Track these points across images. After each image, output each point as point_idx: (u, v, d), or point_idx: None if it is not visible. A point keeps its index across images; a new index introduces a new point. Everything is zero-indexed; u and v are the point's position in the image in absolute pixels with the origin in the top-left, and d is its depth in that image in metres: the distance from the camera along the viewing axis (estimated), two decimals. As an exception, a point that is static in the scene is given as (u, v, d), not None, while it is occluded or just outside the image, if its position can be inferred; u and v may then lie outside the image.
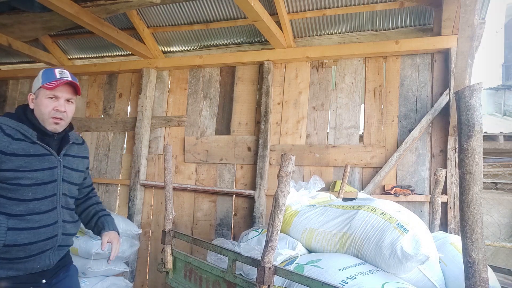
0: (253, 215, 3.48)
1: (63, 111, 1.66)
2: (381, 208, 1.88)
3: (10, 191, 1.56)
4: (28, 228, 1.60)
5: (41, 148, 1.64)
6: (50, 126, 1.66)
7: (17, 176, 1.56)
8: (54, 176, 1.68)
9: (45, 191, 1.65)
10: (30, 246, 1.60)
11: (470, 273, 1.13)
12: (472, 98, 1.11)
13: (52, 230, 1.67)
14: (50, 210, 1.67)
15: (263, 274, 1.59)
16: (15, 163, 1.56)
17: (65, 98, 1.67)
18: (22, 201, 1.58)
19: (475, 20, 2.13)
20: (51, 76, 1.65)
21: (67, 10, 3.06)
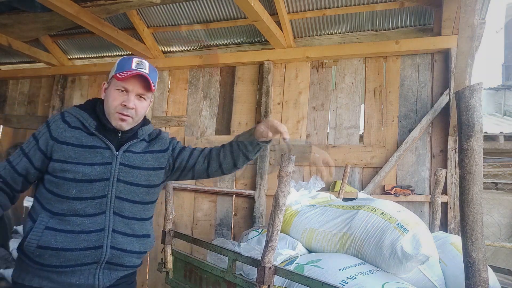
0: (253, 215, 3.48)
1: (131, 107, 1.40)
2: (381, 208, 1.88)
3: (56, 185, 1.36)
4: (66, 231, 1.34)
5: (97, 140, 1.42)
6: (115, 121, 1.42)
7: (64, 168, 1.35)
8: (106, 173, 1.40)
9: (92, 190, 1.37)
10: (65, 253, 1.33)
11: (470, 273, 1.13)
12: (472, 98, 1.11)
13: (95, 238, 1.36)
14: (96, 214, 1.38)
15: (263, 274, 1.59)
16: (65, 152, 1.36)
17: (136, 93, 1.41)
18: (66, 199, 1.35)
19: (475, 20, 2.13)
20: (126, 65, 1.42)
21: (67, 10, 3.06)
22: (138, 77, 1.40)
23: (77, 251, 1.34)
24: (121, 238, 1.41)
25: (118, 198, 1.41)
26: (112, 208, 1.40)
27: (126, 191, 1.43)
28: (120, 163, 1.43)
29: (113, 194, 1.40)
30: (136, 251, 1.45)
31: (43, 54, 4.56)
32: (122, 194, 1.42)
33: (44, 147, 1.39)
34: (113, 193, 1.40)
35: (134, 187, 1.45)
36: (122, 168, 1.43)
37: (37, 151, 1.39)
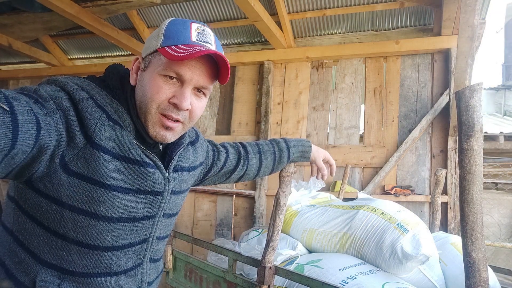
0: (254, 215, 3.48)
1: (185, 108, 0.84)
2: (381, 208, 1.88)
3: (75, 225, 0.79)
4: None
5: (139, 152, 0.85)
6: (154, 128, 0.85)
7: (95, 197, 0.78)
8: (153, 208, 0.90)
9: (133, 234, 0.88)
10: None
11: (470, 273, 1.13)
12: (472, 98, 1.11)
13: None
14: (132, 269, 0.91)
15: (264, 274, 1.59)
16: (100, 167, 0.78)
17: (195, 84, 0.84)
18: (92, 249, 0.82)
19: (475, 20, 2.13)
20: (182, 33, 0.83)
21: (68, 10, 3.06)
22: (203, 58, 0.83)
23: None
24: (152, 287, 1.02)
25: (158, 239, 0.96)
26: (149, 254, 0.94)
27: (165, 227, 0.98)
28: (171, 190, 0.93)
29: (154, 236, 0.94)
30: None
31: (43, 54, 4.56)
32: (162, 231, 0.97)
33: (58, 140, 0.72)
34: (155, 234, 0.93)
35: (173, 218, 1.01)
36: (171, 198, 0.94)
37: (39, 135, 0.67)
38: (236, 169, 1.26)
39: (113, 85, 0.86)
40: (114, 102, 0.84)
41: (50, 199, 0.76)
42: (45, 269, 0.80)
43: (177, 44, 0.81)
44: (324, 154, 1.41)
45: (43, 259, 0.80)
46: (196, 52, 0.78)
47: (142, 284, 0.94)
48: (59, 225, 0.78)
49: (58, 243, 0.80)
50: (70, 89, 0.77)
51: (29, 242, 0.80)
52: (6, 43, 4.06)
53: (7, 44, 4.07)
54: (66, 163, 0.74)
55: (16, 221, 0.81)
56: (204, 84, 0.85)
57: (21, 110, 0.62)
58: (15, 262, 0.81)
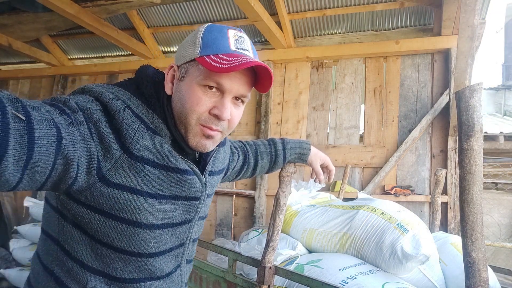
0: (253, 215, 3.48)
1: (226, 119, 0.83)
2: (381, 208, 1.88)
3: (119, 234, 0.80)
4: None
5: (179, 159, 0.85)
6: (195, 139, 0.84)
7: (136, 205, 0.79)
8: (191, 213, 0.92)
9: (172, 239, 0.90)
10: None
11: (470, 273, 1.13)
12: (472, 98, 1.11)
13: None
14: (173, 271, 0.94)
15: (264, 274, 1.59)
16: (140, 178, 0.78)
17: (235, 94, 0.83)
18: (136, 257, 0.85)
19: (475, 20, 2.13)
20: (221, 41, 0.81)
21: (68, 10, 3.06)
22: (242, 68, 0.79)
23: None
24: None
25: (193, 241, 0.99)
26: (186, 256, 0.98)
27: (199, 229, 1.00)
28: (207, 195, 0.95)
29: (190, 239, 0.96)
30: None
31: (43, 54, 4.56)
32: (196, 234, 1.00)
33: (88, 152, 0.71)
34: (191, 236, 0.96)
35: (204, 220, 1.03)
36: (206, 201, 0.96)
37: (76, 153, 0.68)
38: (242, 170, 1.28)
39: (148, 93, 0.84)
40: (150, 112, 0.82)
41: (92, 209, 0.77)
42: (94, 276, 0.82)
43: (216, 53, 0.79)
44: (324, 159, 1.38)
45: (91, 266, 0.82)
46: (240, 65, 0.75)
47: (182, 285, 0.98)
48: (103, 234, 0.80)
49: (103, 251, 0.82)
50: (107, 100, 0.76)
51: (75, 251, 0.81)
52: (6, 43, 4.06)
53: (7, 44, 4.07)
54: (104, 175, 0.74)
55: (61, 231, 0.82)
56: (243, 93, 0.84)
57: (39, 119, 0.61)
58: (64, 271, 0.82)
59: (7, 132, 0.55)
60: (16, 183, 0.60)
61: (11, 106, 0.57)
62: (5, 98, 0.57)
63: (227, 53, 0.79)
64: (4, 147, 0.55)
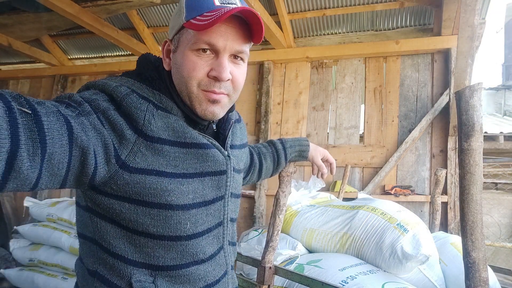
0: (253, 215, 3.48)
1: (226, 79, 0.80)
2: (381, 208, 1.88)
3: (153, 219, 0.78)
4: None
5: (196, 134, 0.82)
6: (202, 106, 0.81)
7: (163, 187, 0.76)
8: (221, 189, 0.89)
9: (208, 218, 0.86)
10: None
11: (470, 273, 1.13)
12: (472, 98, 1.11)
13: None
14: (216, 253, 0.90)
15: (264, 274, 1.59)
16: (160, 158, 0.76)
17: (230, 51, 0.79)
18: (175, 240, 0.81)
19: (475, 20, 2.13)
20: (205, 1, 0.78)
21: (67, 10, 3.06)
22: (232, 20, 0.78)
23: None
24: (233, 272, 1.00)
25: (231, 221, 0.95)
26: (227, 237, 0.93)
27: (234, 208, 0.97)
28: (233, 168, 0.91)
29: (228, 217, 0.92)
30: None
31: (43, 54, 4.56)
32: (233, 213, 0.96)
33: (103, 142, 0.70)
34: (227, 215, 0.92)
35: (238, 199, 0.99)
36: (234, 175, 0.93)
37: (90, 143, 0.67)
38: (250, 169, 1.25)
39: (151, 76, 0.83)
40: (156, 93, 0.81)
41: (121, 199, 0.75)
42: (137, 269, 0.80)
43: (201, 13, 0.76)
44: (323, 153, 1.38)
45: (132, 260, 0.80)
46: (222, 15, 0.72)
47: (227, 268, 0.93)
48: (137, 223, 0.77)
49: (141, 241, 0.79)
50: (111, 88, 0.76)
51: (113, 246, 0.79)
52: (6, 43, 4.06)
53: (7, 44, 4.07)
54: (124, 162, 0.73)
55: (96, 228, 0.80)
56: (239, 48, 0.80)
57: (45, 112, 0.60)
58: (107, 269, 0.81)
59: (16, 128, 0.55)
60: (36, 180, 0.59)
61: (15, 102, 0.57)
62: (8, 94, 0.57)
63: (212, 9, 0.75)
64: (16, 142, 0.54)
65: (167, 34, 3.03)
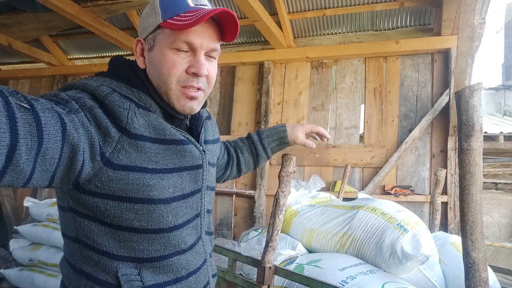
0: (253, 215, 3.48)
1: (204, 75, 0.86)
2: (381, 208, 1.88)
3: (136, 214, 0.81)
4: (173, 281, 0.89)
5: (174, 131, 0.87)
6: (180, 102, 0.87)
7: (145, 183, 0.80)
8: (198, 182, 0.93)
9: (187, 211, 0.91)
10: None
11: (470, 273, 1.13)
12: (472, 98, 1.11)
13: (203, 275, 0.97)
14: (195, 243, 0.95)
15: (263, 274, 1.59)
16: (142, 154, 0.80)
17: (206, 49, 0.86)
18: (158, 233, 0.85)
19: (475, 20, 2.13)
20: (178, 1, 0.84)
21: (67, 10, 3.06)
22: (207, 20, 0.84)
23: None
24: (212, 260, 1.05)
25: (207, 212, 1.01)
26: (204, 227, 0.99)
27: (210, 200, 1.02)
28: (208, 162, 0.97)
29: (204, 209, 0.98)
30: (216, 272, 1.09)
31: (43, 54, 4.56)
32: (209, 204, 1.01)
33: (89, 139, 0.73)
34: (204, 206, 0.97)
35: (213, 192, 1.05)
36: (210, 169, 0.99)
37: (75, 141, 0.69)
38: (228, 165, 1.30)
39: (127, 74, 0.87)
40: (135, 91, 0.85)
41: (105, 196, 0.78)
42: (122, 263, 0.83)
43: (177, 13, 0.82)
44: (304, 129, 1.34)
45: (117, 254, 0.83)
46: (202, 16, 0.78)
47: (206, 256, 0.98)
48: (121, 219, 0.80)
49: (125, 236, 0.82)
50: (92, 88, 0.78)
51: (98, 243, 0.82)
52: (6, 43, 4.06)
53: (7, 44, 4.07)
54: (108, 159, 0.76)
55: (79, 228, 0.83)
56: (213, 46, 0.87)
57: (41, 108, 0.63)
58: (92, 266, 0.83)
59: (15, 122, 0.57)
60: (29, 174, 0.61)
61: (12, 97, 0.59)
62: (5, 90, 0.59)
63: (188, 10, 0.82)
64: (15, 136, 0.56)
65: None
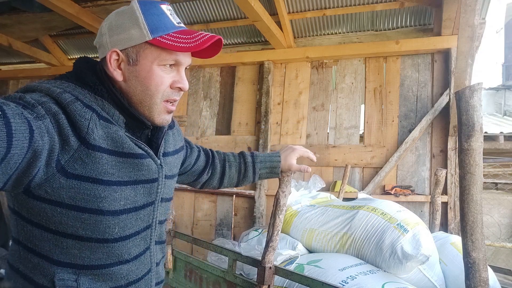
0: (253, 215, 3.48)
1: (187, 88, 0.92)
2: (381, 208, 1.88)
3: (83, 223, 0.81)
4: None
5: (134, 145, 0.87)
6: (161, 116, 0.90)
7: (97, 194, 0.80)
8: (152, 195, 0.93)
9: (137, 223, 0.91)
10: None
11: (470, 273, 1.13)
12: (472, 98, 1.11)
13: (144, 285, 0.97)
14: (141, 254, 0.95)
15: (264, 274, 1.59)
16: (98, 166, 0.80)
17: (186, 64, 0.92)
18: (102, 243, 0.85)
19: (475, 20, 2.13)
20: (163, 19, 0.85)
21: (67, 10, 3.07)
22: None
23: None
24: (160, 267, 1.05)
25: (160, 223, 1.00)
26: (154, 238, 0.98)
27: (164, 211, 1.02)
28: (165, 175, 0.97)
29: (156, 220, 0.97)
30: (163, 279, 1.09)
31: (43, 54, 4.56)
32: (162, 215, 1.01)
33: (51, 145, 0.72)
34: (156, 218, 0.97)
35: (169, 203, 1.05)
36: (166, 182, 0.98)
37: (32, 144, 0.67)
38: (204, 172, 1.29)
39: (92, 81, 0.86)
40: (99, 99, 0.84)
41: (54, 203, 0.78)
42: (61, 268, 0.83)
43: (168, 32, 0.84)
44: (296, 154, 1.33)
45: (56, 260, 0.83)
46: (204, 42, 0.84)
47: (151, 266, 0.98)
48: (66, 226, 0.80)
49: (68, 243, 0.82)
50: (55, 94, 0.77)
51: (39, 247, 0.82)
52: (6, 43, 4.06)
53: (7, 44, 4.07)
54: (63, 166, 0.75)
55: (21, 231, 0.83)
56: (190, 62, 0.93)
57: (12, 113, 0.62)
58: (29, 268, 0.84)
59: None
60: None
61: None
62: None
63: (176, 30, 0.86)
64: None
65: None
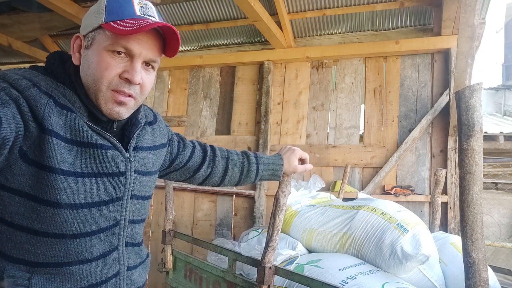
0: (253, 215, 3.48)
1: (137, 82, 0.84)
2: (381, 208, 1.88)
3: (39, 215, 0.78)
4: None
5: (95, 135, 0.84)
6: (107, 105, 0.84)
7: (55, 185, 0.77)
8: (119, 190, 0.89)
9: (101, 219, 0.86)
10: None
11: (470, 273, 1.13)
12: (472, 98, 1.11)
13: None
14: (107, 254, 0.89)
15: (264, 274, 1.59)
16: (55, 153, 0.76)
17: (144, 58, 0.85)
18: (59, 238, 0.80)
19: (475, 20, 2.13)
20: (125, 7, 0.83)
21: (67, 10, 3.07)
22: (151, 32, 0.84)
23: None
24: (135, 273, 0.98)
25: (131, 223, 0.94)
26: (124, 238, 0.93)
27: (138, 210, 0.96)
28: (134, 170, 0.92)
29: (126, 219, 0.92)
30: (143, 283, 1.03)
31: (43, 54, 4.55)
32: (135, 215, 0.95)
33: (17, 131, 0.72)
34: (126, 217, 0.92)
35: (146, 202, 1.00)
36: (137, 178, 0.93)
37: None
38: (201, 168, 1.25)
39: (56, 70, 0.85)
40: (60, 86, 0.83)
41: (12, 191, 0.76)
42: (12, 264, 0.79)
43: (122, 18, 0.81)
44: (297, 156, 1.36)
45: (8, 255, 0.79)
46: (146, 25, 0.78)
47: (120, 269, 0.92)
48: (22, 217, 0.77)
49: (22, 238, 0.78)
50: (11, 80, 0.75)
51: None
52: (6, 43, 4.06)
53: (7, 44, 4.07)
54: (25, 152, 0.74)
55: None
56: (153, 57, 0.86)
57: None
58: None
59: None
60: None
61: None
62: None
63: (133, 18, 0.81)
64: None
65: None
